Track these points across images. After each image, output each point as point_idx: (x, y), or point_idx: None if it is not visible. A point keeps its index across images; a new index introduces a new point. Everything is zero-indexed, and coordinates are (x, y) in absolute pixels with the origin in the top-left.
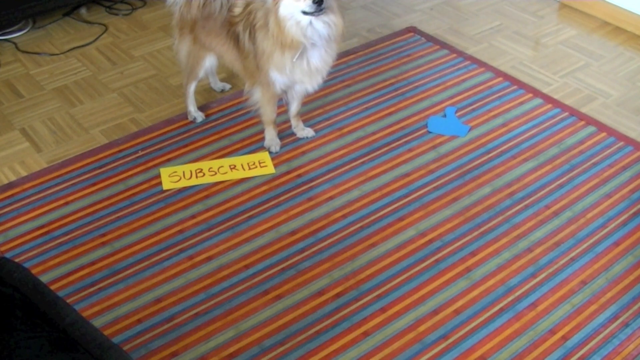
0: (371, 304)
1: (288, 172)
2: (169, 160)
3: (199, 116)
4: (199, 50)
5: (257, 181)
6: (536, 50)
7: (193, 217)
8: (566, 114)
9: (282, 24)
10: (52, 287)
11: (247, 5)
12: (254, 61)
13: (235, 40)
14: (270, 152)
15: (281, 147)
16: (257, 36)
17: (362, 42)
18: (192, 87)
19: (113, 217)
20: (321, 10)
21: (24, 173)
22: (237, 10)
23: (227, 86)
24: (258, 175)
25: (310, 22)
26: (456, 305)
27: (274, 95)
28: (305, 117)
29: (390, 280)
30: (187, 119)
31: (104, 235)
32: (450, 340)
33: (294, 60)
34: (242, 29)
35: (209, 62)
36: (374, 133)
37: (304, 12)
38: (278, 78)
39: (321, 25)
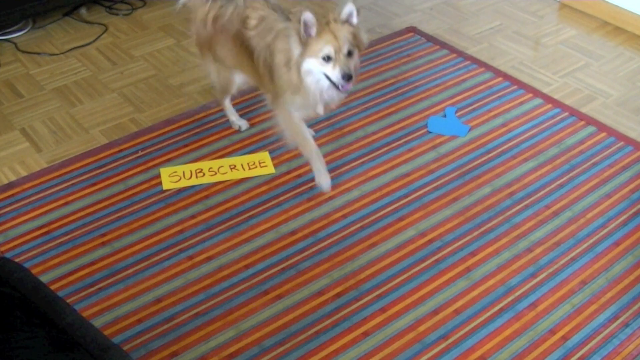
0: (371, 304)
1: (288, 172)
2: (169, 160)
3: (244, 124)
4: (223, 70)
5: (257, 181)
6: (536, 50)
7: (193, 217)
8: (566, 114)
9: (302, 77)
10: (52, 287)
11: (262, 19)
12: (271, 85)
13: (250, 55)
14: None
15: (281, 147)
16: (274, 69)
17: None
18: (227, 101)
19: (113, 217)
20: (344, 88)
21: (24, 173)
22: (252, 22)
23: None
24: (258, 175)
25: (330, 86)
26: (456, 305)
27: (297, 119)
28: None
29: (390, 280)
30: (187, 118)
31: (104, 235)
32: (450, 340)
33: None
34: (258, 48)
35: (239, 79)
36: (374, 133)
37: (327, 77)
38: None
39: (339, 93)
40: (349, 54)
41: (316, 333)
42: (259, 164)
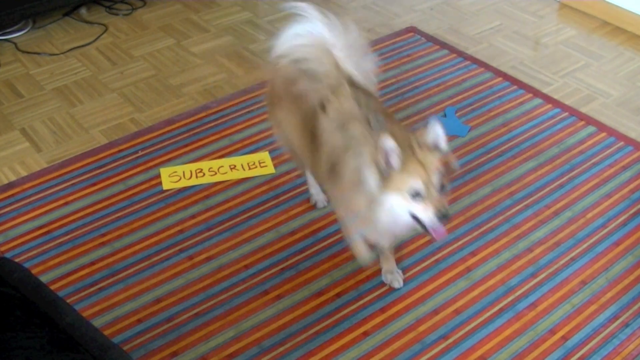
0: (371, 304)
1: (288, 172)
2: (169, 160)
3: (320, 201)
4: (285, 140)
5: (257, 181)
6: (536, 50)
7: (193, 217)
8: (566, 114)
9: (378, 212)
10: (52, 287)
11: (344, 111)
12: (329, 185)
13: (316, 140)
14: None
15: (281, 147)
16: (338, 177)
17: None
18: (307, 173)
19: (113, 217)
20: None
21: (24, 173)
22: (332, 110)
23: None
24: (258, 175)
25: (412, 226)
26: (456, 305)
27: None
28: None
29: None
30: (187, 118)
31: (104, 235)
32: (450, 340)
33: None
34: (328, 142)
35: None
36: None
37: (414, 217)
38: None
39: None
40: (442, 188)
41: (316, 333)
42: (259, 164)
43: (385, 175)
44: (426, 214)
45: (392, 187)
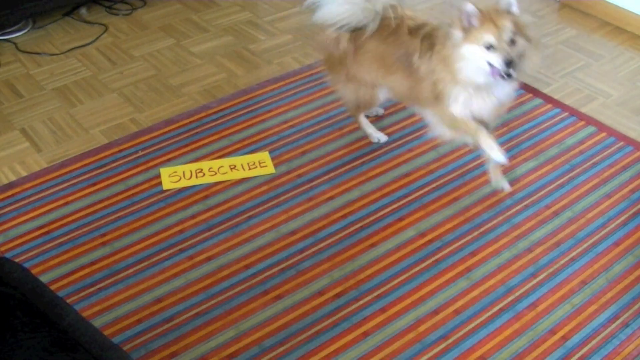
0: (371, 304)
1: (288, 172)
2: (169, 160)
3: (382, 137)
4: (363, 87)
5: (257, 181)
6: (536, 50)
7: (193, 217)
8: (566, 114)
9: (461, 59)
10: (52, 287)
11: (422, 24)
12: (430, 87)
13: (404, 64)
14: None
15: (281, 147)
16: (433, 60)
17: None
18: (361, 117)
19: (113, 217)
20: (508, 77)
21: (24, 173)
22: (411, 23)
23: (381, 111)
24: (258, 175)
25: (489, 73)
26: (456, 305)
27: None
28: (306, 117)
29: (390, 280)
30: (187, 118)
31: (104, 235)
32: (450, 340)
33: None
34: (417, 51)
35: (383, 95)
36: None
37: (489, 64)
38: (456, 108)
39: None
40: (512, 42)
41: (316, 333)
42: (259, 164)
43: (466, 31)
44: (496, 60)
45: (470, 39)
